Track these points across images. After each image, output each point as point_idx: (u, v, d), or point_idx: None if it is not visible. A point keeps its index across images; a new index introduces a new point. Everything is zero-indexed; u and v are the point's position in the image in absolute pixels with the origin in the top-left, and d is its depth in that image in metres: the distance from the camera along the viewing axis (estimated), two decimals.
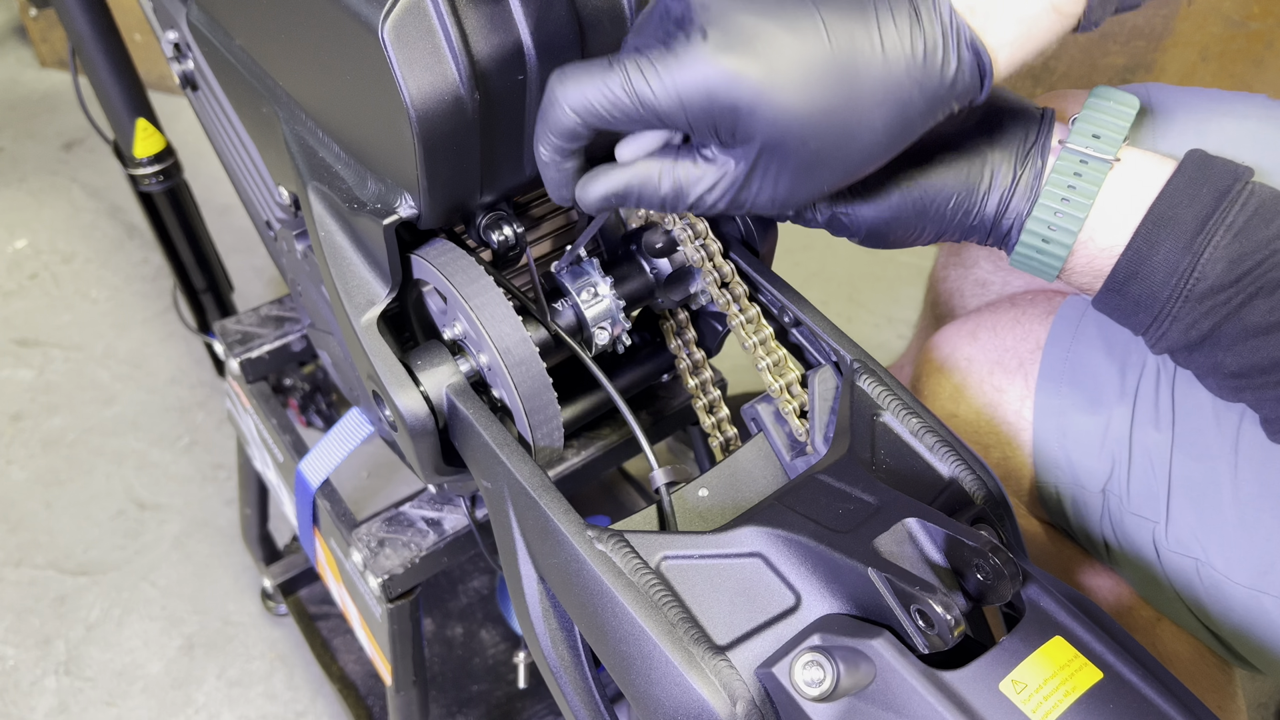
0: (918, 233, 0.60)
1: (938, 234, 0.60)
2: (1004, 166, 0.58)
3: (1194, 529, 0.67)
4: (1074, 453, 0.73)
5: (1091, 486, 0.72)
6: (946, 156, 0.58)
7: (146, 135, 1.24)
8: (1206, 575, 0.67)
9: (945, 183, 0.58)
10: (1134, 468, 0.70)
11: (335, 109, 0.61)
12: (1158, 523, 0.69)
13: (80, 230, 1.89)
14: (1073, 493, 0.74)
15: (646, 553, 0.51)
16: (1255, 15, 1.29)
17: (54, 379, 1.62)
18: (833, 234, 0.62)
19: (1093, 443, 0.72)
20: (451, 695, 1.15)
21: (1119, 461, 0.70)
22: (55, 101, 2.21)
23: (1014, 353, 0.77)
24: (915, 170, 0.58)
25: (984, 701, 0.43)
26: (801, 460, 0.63)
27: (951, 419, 0.79)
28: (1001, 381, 0.76)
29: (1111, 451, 0.71)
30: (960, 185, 0.58)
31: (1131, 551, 0.72)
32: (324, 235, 0.63)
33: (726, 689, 0.47)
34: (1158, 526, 0.69)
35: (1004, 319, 0.79)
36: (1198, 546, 0.67)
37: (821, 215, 0.60)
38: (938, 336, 0.83)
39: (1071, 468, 0.73)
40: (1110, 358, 0.72)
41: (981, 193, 0.58)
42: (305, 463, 0.89)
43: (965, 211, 0.58)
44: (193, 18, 0.74)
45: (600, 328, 0.67)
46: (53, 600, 1.33)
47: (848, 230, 0.60)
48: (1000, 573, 0.45)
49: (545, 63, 0.56)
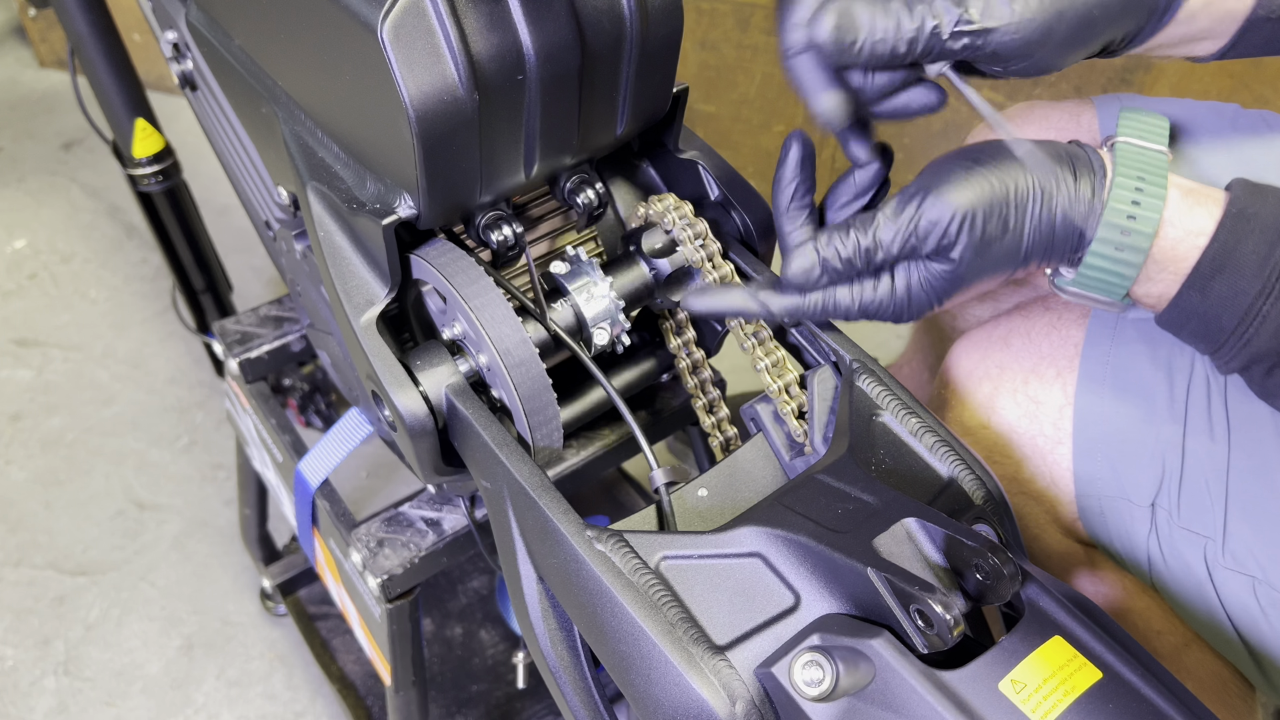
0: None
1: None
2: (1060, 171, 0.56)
3: (1251, 545, 0.64)
4: (1119, 464, 0.69)
5: (1139, 500, 0.69)
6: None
7: (145, 135, 1.24)
8: (1264, 594, 0.64)
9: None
10: (1186, 480, 0.67)
11: (334, 109, 0.61)
12: (1211, 539, 0.66)
13: (79, 230, 1.89)
14: (1117, 507, 0.70)
15: (646, 553, 0.51)
16: None
17: (53, 379, 1.61)
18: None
19: (1140, 453, 0.68)
20: (451, 695, 1.15)
21: (1170, 473, 0.67)
22: (54, 101, 2.21)
23: (1051, 359, 0.73)
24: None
25: (983, 701, 0.43)
26: (801, 460, 0.63)
27: (983, 430, 0.75)
28: (1038, 391, 0.73)
29: (1161, 463, 0.68)
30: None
31: (1180, 569, 0.68)
32: (323, 235, 0.63)
33: (726, 689, 0.47)
34: (1210, 543, 0.66)
35: (1038, 323, 0.76)
36: (1254, 564, 0.64)
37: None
38: (965, 343, 0.80)
39: (1117, 480, 0.69)
40: (1155, 363, 0.69)
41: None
42: (304, 463, 0.89)
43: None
44: (192, 18, 0.74)
45: (600, 328, 0.67)
46: (52, 600, 1.33)
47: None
48: (999, 572, 0.45)
49: (544, 63, 0.56)
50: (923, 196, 0.56)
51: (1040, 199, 0.55)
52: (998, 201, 0.55)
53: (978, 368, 0.77)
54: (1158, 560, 0.69)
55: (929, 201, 0.56)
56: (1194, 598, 0.68)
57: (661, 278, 0.70)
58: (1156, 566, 0.70)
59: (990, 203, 0.55)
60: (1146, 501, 0.69)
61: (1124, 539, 0.71)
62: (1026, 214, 0.55)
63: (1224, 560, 0.66)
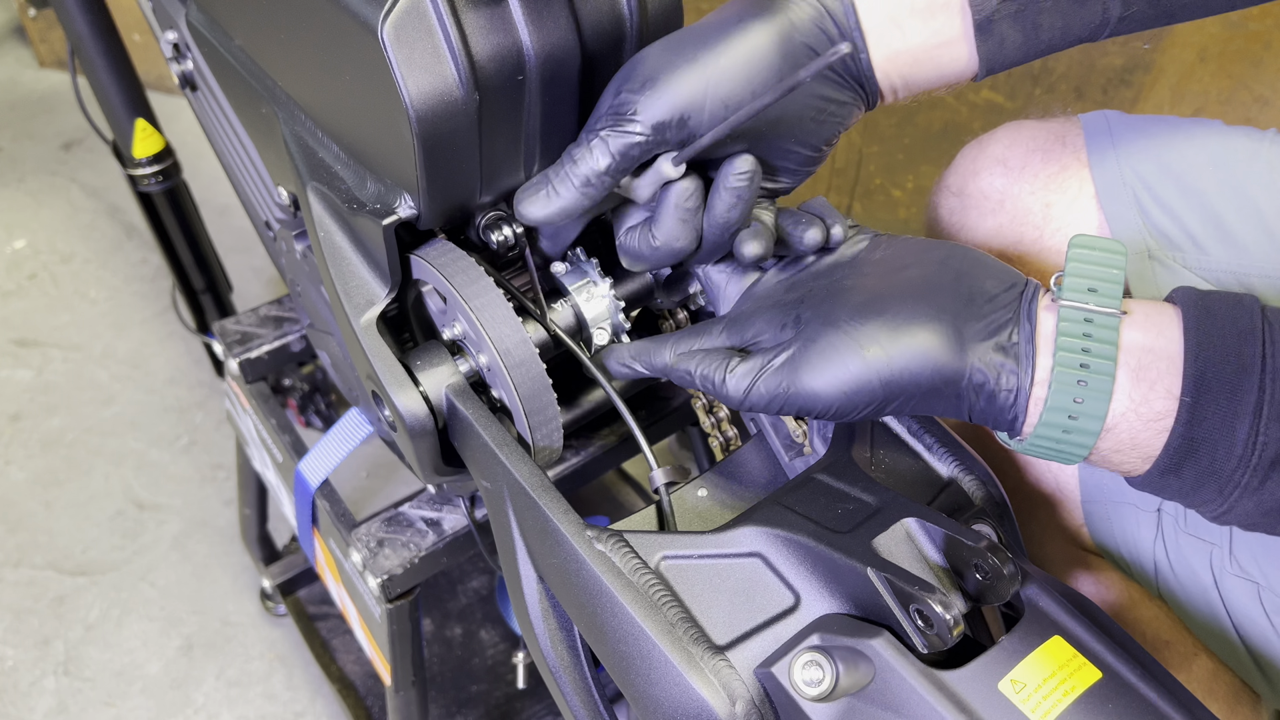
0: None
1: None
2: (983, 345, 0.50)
3: (1256, 552, 0.64)
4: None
5: (1145, 505, 0.68)
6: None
7: (145, 135, 1.24)
8: (1269, 601, 0.64)
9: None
10: None
11: (335, 109, 0.61)
12: (1217, 545, 0.65)
13: (79, 230, 1.89)
14: (1123, 512, 0.69)
15: (646, 553, 0.51)
16: (1254, 16, 1.29)
17: (53, 379, 1.61)
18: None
19: None
20: (451, 695, 1.15)
21: None
22: (54, 102, 2.21)
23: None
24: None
25: (983, 701, 0.43)
26: (800, 460, 0.63)
27: (990, 434, 0.72)
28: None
29: None
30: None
31: (1187, 576, 0.67)
32: (323, 235, 0.63)
33: (726, 689, 0.47)
34: (1217, 549, 0.65)
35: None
36: (1259, 571, 0.64)
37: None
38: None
39: (1123, 485, 0.69)
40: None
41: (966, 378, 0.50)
42: (304, 463, 0.89)
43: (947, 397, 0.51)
44: (192, 18, 0.74)
45: (599, 328, 0.67)
46: (51, 600, 1.33)
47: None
48: (999, 572, 0.45)
49: (544, 63, 0.56)
50: (789, 383, 0.52)
51: (947, 393, 0.50)
52: (890, 395, 0.50)
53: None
54: (1164, 567, 0.69)
55: (794, 392, 0.52)
56: (1200, 605, 0.68)
57: (661, 278, 0.70)
58: (1163, 573, 0.69)
59: (875, 395, 0.50)
60: (1153, 507, 0.68)
61: (1130, 545, 0.71)
62: (930, 402, 0.51)
63: (1230, 567, 0.65)
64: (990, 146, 0.80)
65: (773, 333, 0.55)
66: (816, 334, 0.52)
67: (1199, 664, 0.69)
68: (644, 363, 0.61)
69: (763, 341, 0.55)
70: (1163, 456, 0.48)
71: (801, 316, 0.54)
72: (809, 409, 0.52)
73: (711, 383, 0.55)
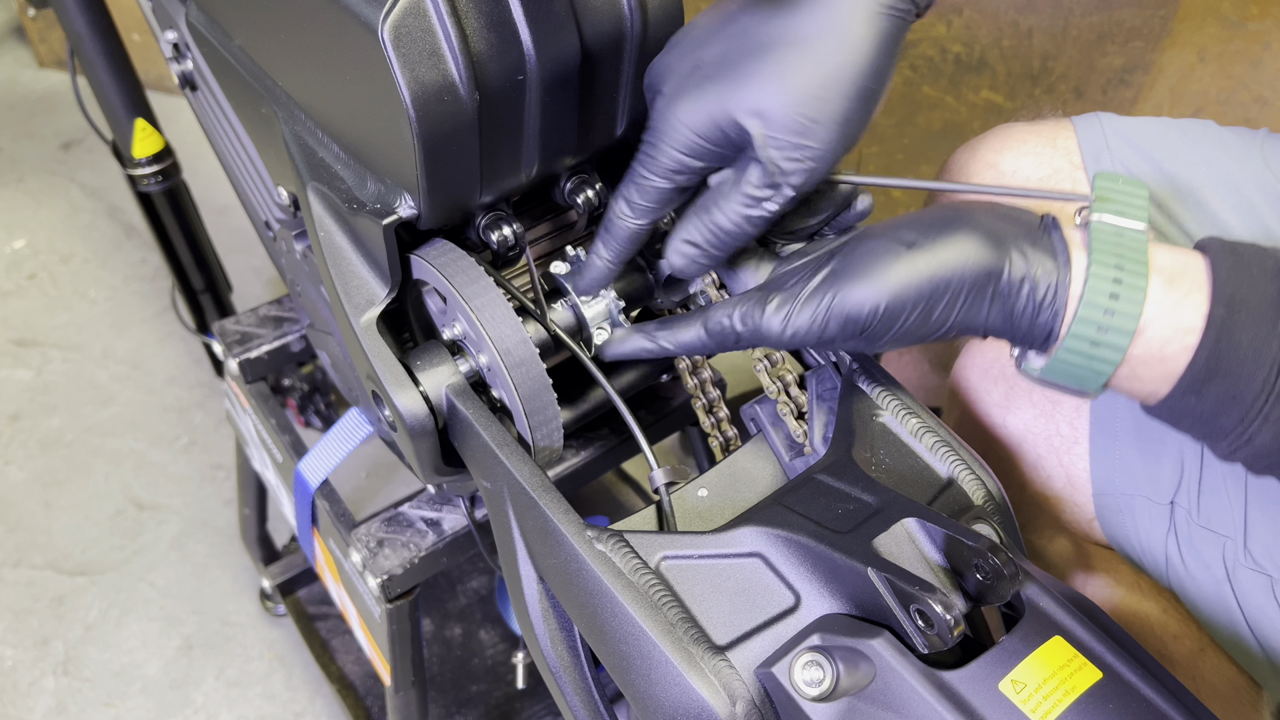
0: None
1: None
2: (1025, 244, 0.50)
3: (1270, 545, 0.63)
4: (1138, 461, 0.68)
5: (1158, 498, 0.67)
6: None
7: (145, 135, 1.24)
8: None
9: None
10: (1205, 478, 0.65)
11: (335, 109, 0.61)
12: (1230, 538, 0.64)
13: (79, 230, 1.89)
14: (1135, 505, 0.69)
15: (646, 553, 0.51)
16: (1253, 16, 1.29)
17: (52, 379, 1.61)
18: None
19: (1159, 450, 0.66)
20: (450, 695, 1.15)
21: (1189, 471, 0.66)
22: (53, 101, 2.21)
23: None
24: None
25: (983, 701, 0.43)
26: (800, 460, 0.63)
27: (998, 430, 0.74)
28: (1055, 389, 0.71)
29: (1180, 459, 0.66)
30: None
31: (1199, 569, 0.67)
32: (323, 235, 0.63)
33: (726, 689, 0.47)
34: (1230, 542, 0.65)
35: None
36: (1271, 564, 0.63)
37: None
38: (976, 344, 0.77)
39: (1135, 478, 0.68)
40: None
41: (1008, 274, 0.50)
42: (304, 463, 0.89)
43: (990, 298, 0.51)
44: (191, 18, 0.74)
45: (600, 328, 0.67)
46: (51, 600, 1.33)
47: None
48: (999, 572, 0.45)
49: (544, 63, 0.56)
50: (834, 293, 0.51)
51: (990, 290, 0.50)
52: (937, 292, 0.50)
53: (992, 368, 0.76)
54: (1175, 560, 0.69)
55: (839, 300, 0.51)
56: (1211, 599, 0.67)
57: (661, 278, 0.70)
58: (1174, 567, 0.69)
59: (922, 294, 0.50)
60: (1166, 499, 0.68)
61: (1142, 539, 0.70)
62: (974, 303, 0.50)
63: (1244, 560, 0.65)
64: (981, 151, 0.80)
65: (808, 272, 0.54)
66: (854, 248, 0.53)
67: (1207, 660, 0.69)
68: (667, 338, 0.60)
69: (799, 279, 0.55)
70: (1188, 373, 0.48)
71: (835, 253, 0.54)
72: (856, 317, 0.51)
73: (751, 318, 0.54)
